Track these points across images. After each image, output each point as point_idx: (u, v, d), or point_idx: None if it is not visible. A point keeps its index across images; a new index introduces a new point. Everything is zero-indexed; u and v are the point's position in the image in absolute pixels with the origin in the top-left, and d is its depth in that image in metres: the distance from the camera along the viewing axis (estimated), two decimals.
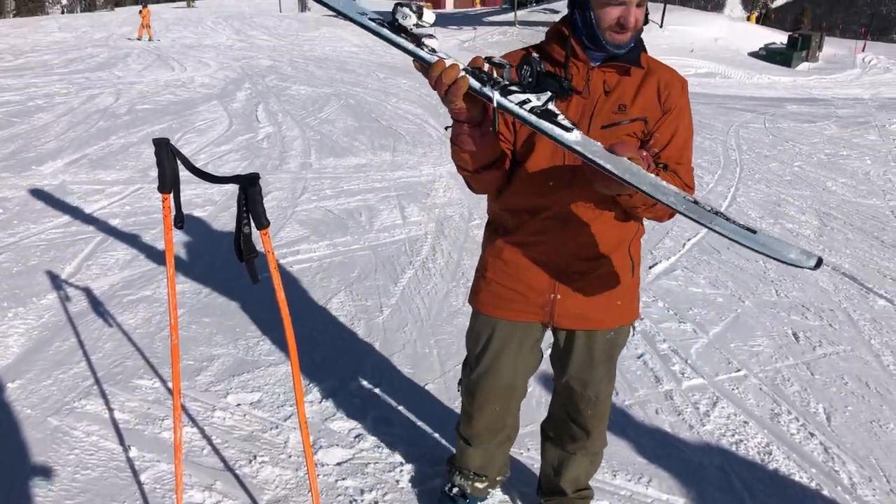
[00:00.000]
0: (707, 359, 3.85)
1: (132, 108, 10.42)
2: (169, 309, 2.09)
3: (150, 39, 23.12)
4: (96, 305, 4.18)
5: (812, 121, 12.07)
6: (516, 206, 2.08)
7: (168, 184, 2.04)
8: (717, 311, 4.47)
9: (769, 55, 27.84)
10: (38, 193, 6.22)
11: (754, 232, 1.53)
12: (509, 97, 1.64)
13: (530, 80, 1.64)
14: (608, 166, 1.62)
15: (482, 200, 6.32)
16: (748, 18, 44.60)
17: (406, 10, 1.67)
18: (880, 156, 9.21)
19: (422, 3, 1.72)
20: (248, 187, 1.87)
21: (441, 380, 3.53)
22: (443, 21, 37.25)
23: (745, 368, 3.76)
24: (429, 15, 1.67)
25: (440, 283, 4.70)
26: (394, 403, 3.32)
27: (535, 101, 1.65)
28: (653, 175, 1.64)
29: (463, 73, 1.64)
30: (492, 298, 2.19)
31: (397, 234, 5.62)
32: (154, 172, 2.04)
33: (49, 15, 61.60)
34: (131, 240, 5.21)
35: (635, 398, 3.44)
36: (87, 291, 4.35)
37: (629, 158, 1.62)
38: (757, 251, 1.52)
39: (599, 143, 1.71)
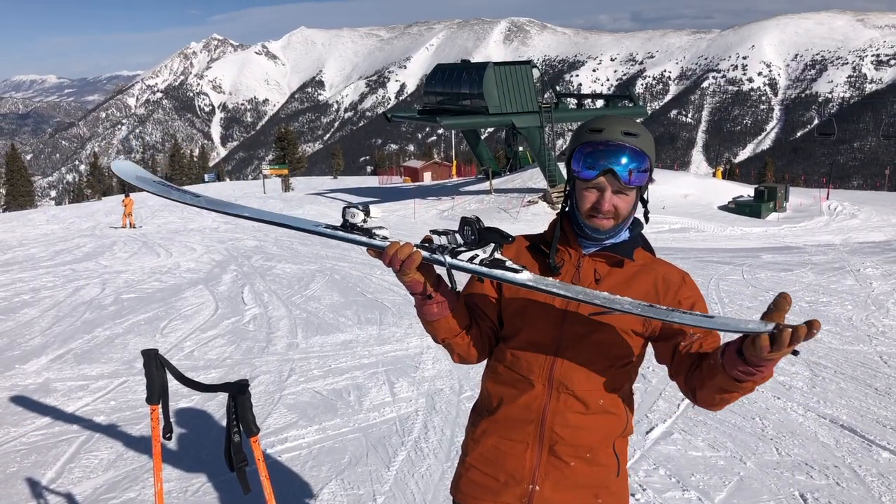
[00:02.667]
0: None
1: (118, 297, 10.50)
2: None
3: (132, 226, 23.71)
4: None
5: (788, 269, 12.33)
6: (501, 390, 2.08)
7: (156, 396, 2.02)
8: (720, 476, 4.36)
9: (739, 208, 28.91)
10: (21, 393, 6.12)
11: (711, 317, 1.69)
12: (459, 257, 1.81)
13: (473, 237, 1.80)
14: (562, 293, 1.78)
15: (472, 371, 6.27)
16: (714, 174, 46.64)
17: (353, 209, 1.84)
18: (860, 300, 9.34)
19: (367, 203, 1.86)
20: (237, 395, 1.86)
21: None
22: (421, 193, 38.63)
23: None
24: (375, 211, 1.82)
25: (434, 463, 4.58)
26: None
27: (483, 254, 1.81)
28: (604, 293, 1.81)
29: (415, 249, 1.78)
30: (471, 488, 2.12)
31: (387, 413, 5.53)
32: (139, 364, 2.03)
33: (38, 207, 63.34)
34: (116, 437, 5.08)
35: None
36: (69, 498, 4.18)
37: None
38: (720, 330, 1.65)
39: (551, 279, 1.82)
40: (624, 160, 1.89)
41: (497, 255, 1.82)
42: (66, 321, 8.95)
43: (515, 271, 1.80)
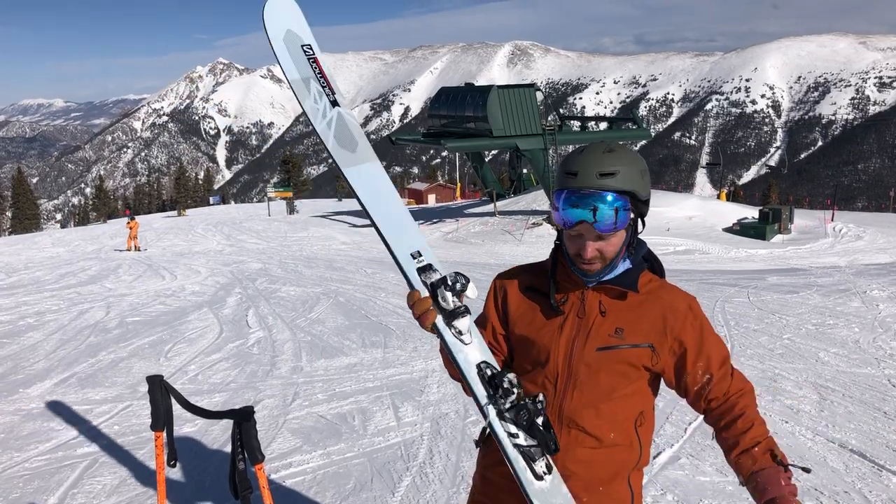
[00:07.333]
0: None
1: (122, 320, 10.49)
2: None
3: (136, 249, 23.81)
4: None
5: (794, 291, 12.27)
6: None
7: (161, 422, 2.00)
8: (729, 501, 4.30)
9: (743, 230, 28.85)
10: (24, 418, 6.10)
11: None
12: (502, 422, 1.81)
13: (525, 423, 1.80)
14: None
15: None
16: (718, 196, 46.62)
17: (446, 292, 1.82)
18: (867, 323, 9.28)
19: (467, 278, 1.83)
20: (243, 422, 1.85)
21: None
22: (426, 215, 38.68)
23: None
24: (472, 290, 1.83)
25: (440, 489, 4.53)
26: None
27: (522, 440, 1.81)
28: None
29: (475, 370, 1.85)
30: None
31: (392, 438, 5.49)
32: (143, 388, 2.03)
33: (44, 230, 63.58)
34: (119, 462, 5.05)
35: None
36: None
37: None
38: None
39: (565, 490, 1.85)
40: (600, 207, 1.81)
41: (532, 451, 1.82)
42: (70, 345, 8.94)
43: (538, 478, 1.81)
